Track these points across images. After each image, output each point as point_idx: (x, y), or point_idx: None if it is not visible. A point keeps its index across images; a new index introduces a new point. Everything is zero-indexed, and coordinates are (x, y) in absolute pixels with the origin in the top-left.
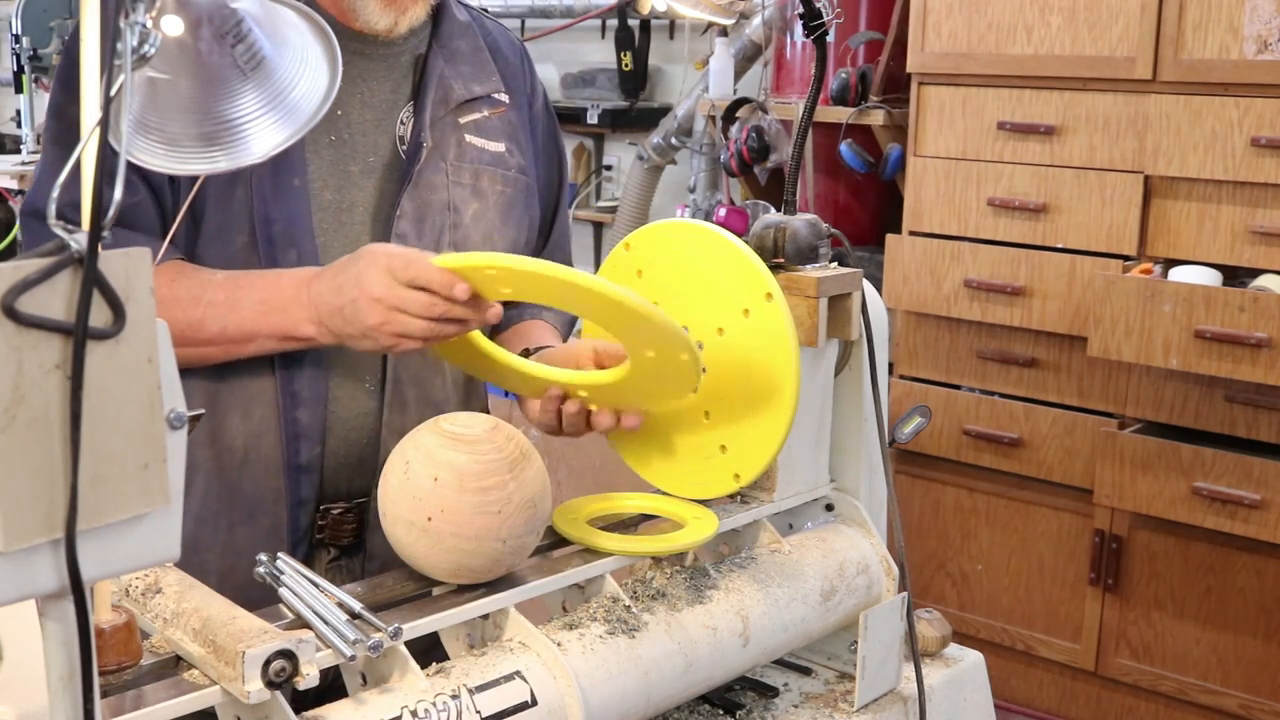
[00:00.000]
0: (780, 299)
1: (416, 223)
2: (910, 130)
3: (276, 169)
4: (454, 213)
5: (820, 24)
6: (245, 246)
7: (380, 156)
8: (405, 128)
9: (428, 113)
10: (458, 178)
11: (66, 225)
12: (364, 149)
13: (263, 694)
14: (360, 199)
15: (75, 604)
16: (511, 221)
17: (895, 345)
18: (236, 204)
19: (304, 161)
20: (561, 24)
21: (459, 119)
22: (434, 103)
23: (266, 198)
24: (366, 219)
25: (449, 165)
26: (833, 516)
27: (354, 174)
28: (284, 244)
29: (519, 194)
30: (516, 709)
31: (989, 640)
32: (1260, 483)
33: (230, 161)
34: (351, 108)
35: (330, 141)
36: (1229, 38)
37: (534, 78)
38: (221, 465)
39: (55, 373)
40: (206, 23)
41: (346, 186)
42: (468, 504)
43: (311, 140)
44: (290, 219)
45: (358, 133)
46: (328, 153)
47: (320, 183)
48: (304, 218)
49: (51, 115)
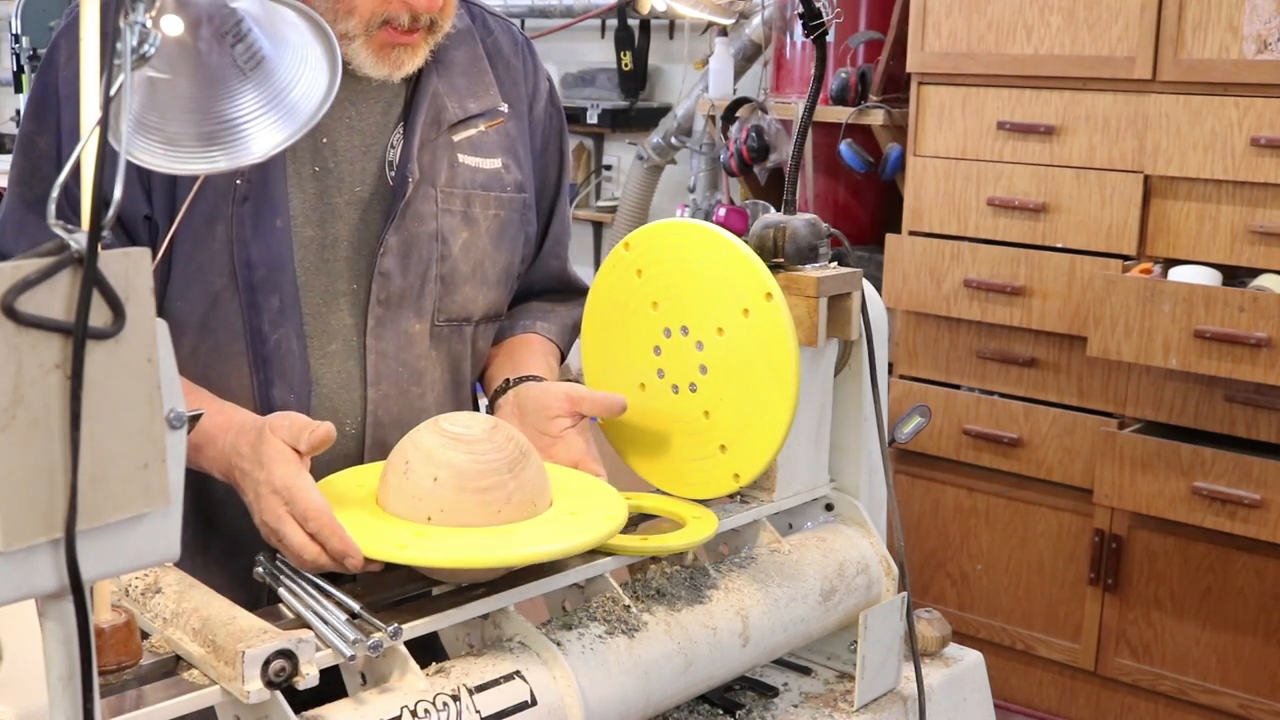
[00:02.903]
0: (780, 299)
1: (402, 258)
2: (910, 130)
3: (259, 209)
4: (442, 244)
5: (820, 24)
6: (226, 290)
7: (367, 186)
8: (395, 151)
9: (418, 136)
10: (448, 205)
11: (66, 225)
12: (350, 179)
13: (262, 694)
14: (344, 233)
15: (75, 604)
16: (504, 246)
17: (895, 345)
18: (216, 244)
19: (286, 199)
20: (561, 24)
21: (452, 138)
22: (425, 125)
23: (248, 240)
24: (349, 254)
25: (439, 192)
26: (832, 516)
27: (338, 206)
28: (266, 290)
29: (513, 214)
30: (516, 709)
31: (989, 640)
32: (1260, 483)
33: (230, 161)
34: (338, 134)
35: (314, 173)
36: (1229, 37)
37: (538, 77)
38: (200, 505)
39: (55, 372)
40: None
41: (330, 220)
42: (467, 504)
43: (295, 173)
44: (271, 263)
45: (344, 161)
46: (311, 185)
47: (302, 218)
48: (287, 261)
49: (19, 149)
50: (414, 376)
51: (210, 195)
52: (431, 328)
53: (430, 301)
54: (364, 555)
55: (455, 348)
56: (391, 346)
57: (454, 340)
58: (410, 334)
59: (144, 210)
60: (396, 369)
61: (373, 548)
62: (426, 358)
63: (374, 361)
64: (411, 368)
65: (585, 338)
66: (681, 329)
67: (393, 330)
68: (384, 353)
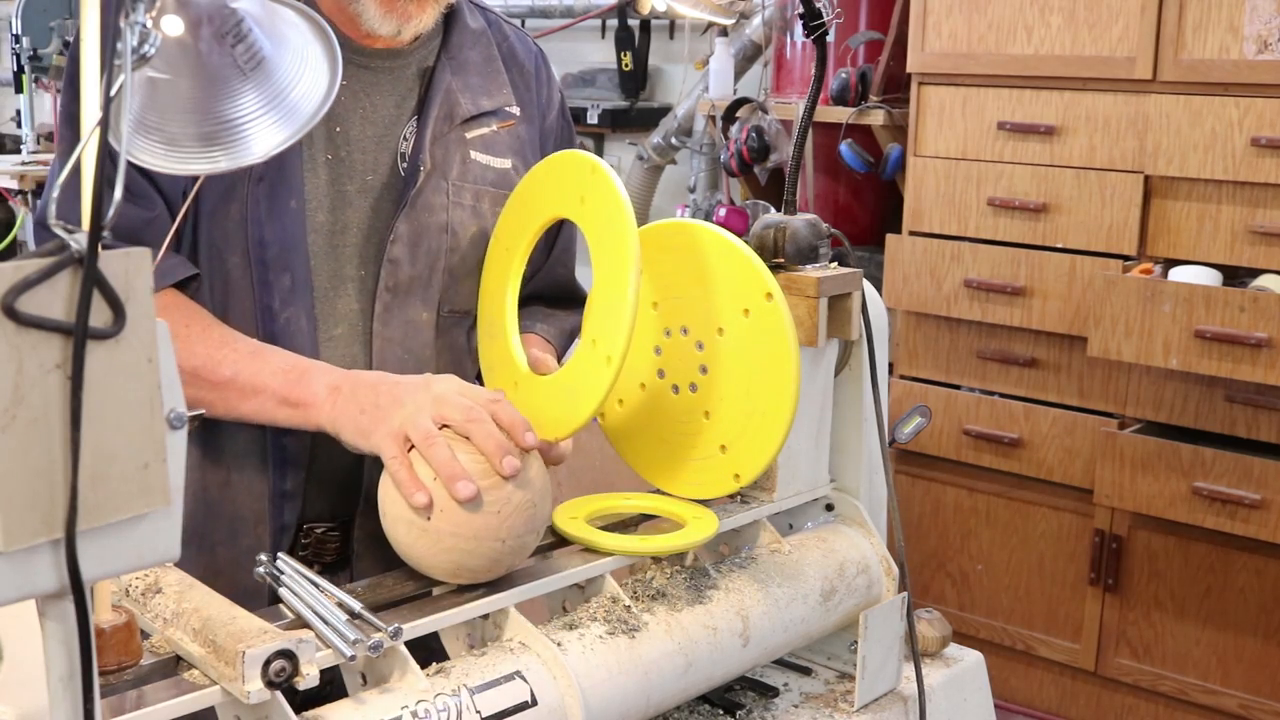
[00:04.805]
0: (780, 298)
1: (411, 246)
2: (910, 130)
3: (274, 189)
4: (451, 235)
5: (820, 24)
6: (238, 267)
7: (379, 175)
8: (407, 144)
9: (430, 129)
10: (459, 198)
11: (66, 225)
12: (362, 167)
13: (263, 694)
14: (354, 220)
15: (75, 604)
16: None
17: (895, 345)
18: (231, 222)
19: (301, 182)
20: (561, 24)
21: (465, 134)
22: (438, 119)
23: (261, 219)
24: (359, 241)
25: (450, 185)
26: (833, 516)
27: (350, 193)
28: (278, 268)
29: None
30: (516, 709)
31: (989, 640)
32: (1260, 483)
33: (230, 161)
34: (352, 124)
35: (328, 160)
36: (1229, 38)
37: (551, 87)
38: (205, 486)
39: (55, 373)
40: (206, 23)
41: (341, 207)
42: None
43: (310, 158)
44: (285, 243)
45: (356, 150)
46: (324, 171)
47: (315, 203)
48: (299, 241)
49: (64, 123)
50: (419, 365)
51: (227, 175)
52: (438, 318)
53: (437, 292)
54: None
55: (458, 340)
56: (398, 334)
57: (456, 333)
58: (417, 323)
59: (184, 184)
60: (402, 356)
61: None
62: (431, 347)
63: (380, 348)
64: (417, 356)
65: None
66: (681, 329)
67: (399, 318)
68: (390, 339)
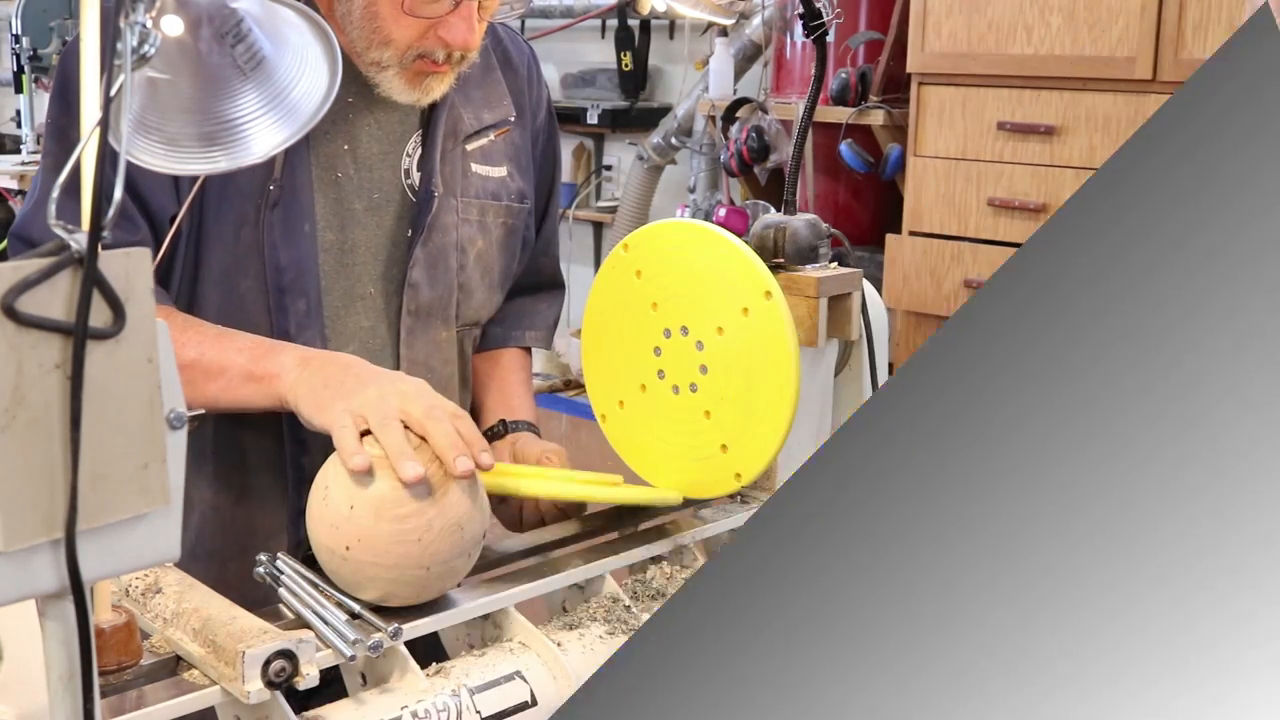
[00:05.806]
0: (779, 297)
1: (429, 269)
2: (910, 130)
3: (288, 213)
4: (460, 252)
5: (820, 24)
6: (251, 290)
7: (385, 193)
8: (411, 160)
9: (438, 149)
10: (466, 214)
11: (66, 225)
12: (368, 185)
13: (263, 694)
14: (362, 238)
15: (75, 604)
16: (507, 251)
17: (895, 345)
18: (243, 247)
19: (313, 204)
20: (561, 24)
21: (466, 147)
22: (444, 137)
23: (277, 244)
24: (367, 259)
25: (458, 202)
26: None
27: (357, 212)
28: (294, 293)
29: (518, 223)
30: (516, 709)
31: None
32: None
33: (230, 161)
34: (359, 142)
35: (335, 179)
36: (1229, 38)
37: (541, 88)
38: (217, 504)
39: (55, 373)
40: (206, 23)
41: (349, 225)
42: (385, 533)
43: (318, 178)
44: (300, 266)
45: (363, 168)
46: (332, 191)
47: (324, 223)
48: (312, 264)
49: (51, 138)
50: (440, 382)
51: (237, 200)
52: (455, 333)
53: (454, 309)
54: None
55: (466, 350)
56: (422, 354)
57: (467, 343)
58: (439, 341)
59: (173, 210)
60: (426, 375)
61: None
62: (453, 363)
63: (406, 370)
64: (439, 373)
65: (585, 338)
66: (681, 329)
67: (424, 339)
68: (415, 360)
